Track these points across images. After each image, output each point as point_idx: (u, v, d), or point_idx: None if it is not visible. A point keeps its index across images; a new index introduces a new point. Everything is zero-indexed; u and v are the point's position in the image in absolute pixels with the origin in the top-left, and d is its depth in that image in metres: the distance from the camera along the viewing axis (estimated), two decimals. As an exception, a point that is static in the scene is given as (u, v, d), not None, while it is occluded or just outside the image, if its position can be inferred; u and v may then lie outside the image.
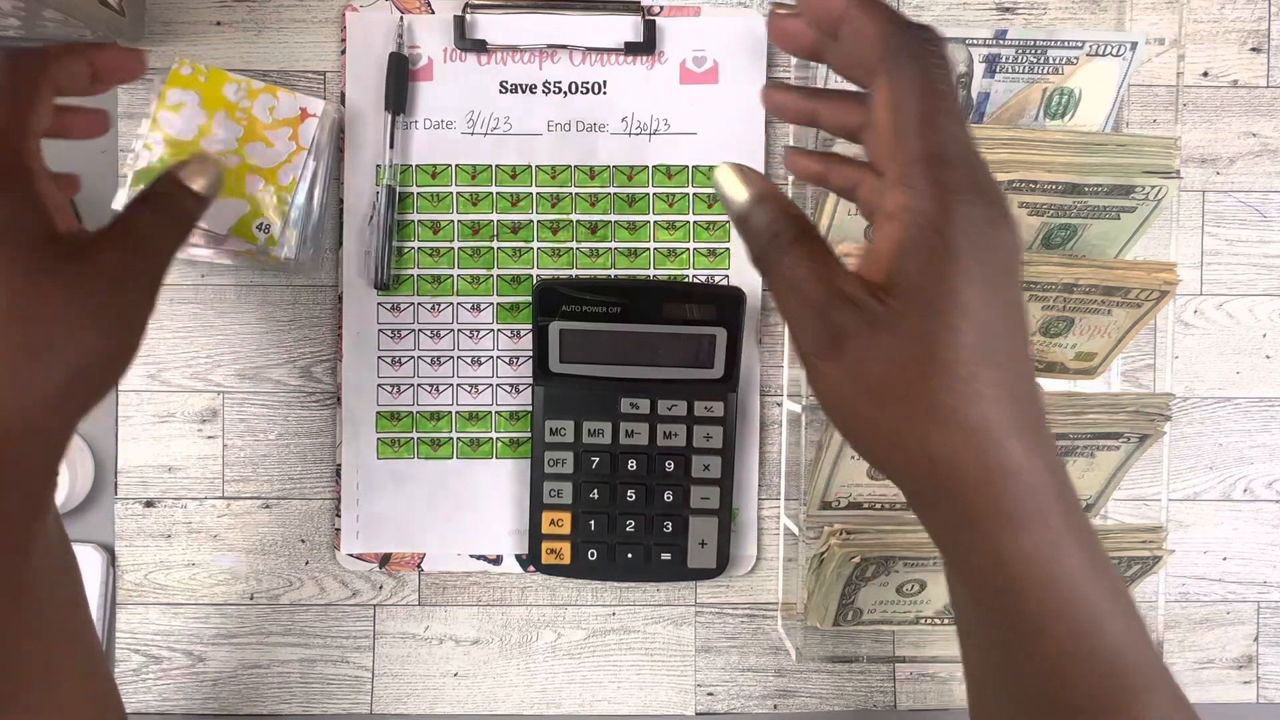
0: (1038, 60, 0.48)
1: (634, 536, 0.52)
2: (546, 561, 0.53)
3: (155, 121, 0.49)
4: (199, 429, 0.54)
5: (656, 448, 0.52)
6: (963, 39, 0.47)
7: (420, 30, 0.53)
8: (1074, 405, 0.46)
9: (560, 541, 0.53)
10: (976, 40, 0.47)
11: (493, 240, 0.54)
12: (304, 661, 0.54)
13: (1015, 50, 0.47)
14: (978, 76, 0.48)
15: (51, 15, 0.47)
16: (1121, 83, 0.49)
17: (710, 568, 0.53)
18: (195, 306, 0.54)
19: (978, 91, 0.49)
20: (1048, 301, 0.46)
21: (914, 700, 0.55)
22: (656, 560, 0.53)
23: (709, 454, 0.52)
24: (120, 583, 0.54)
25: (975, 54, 0.48)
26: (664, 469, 0.52)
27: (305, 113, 0.51)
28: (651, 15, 0.53)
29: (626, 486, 0.52)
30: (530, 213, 0.54)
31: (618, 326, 0.50)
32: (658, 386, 0.51)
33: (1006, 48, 0.47)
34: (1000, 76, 0.48)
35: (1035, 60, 0.48)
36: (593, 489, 0.52)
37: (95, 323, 0.32)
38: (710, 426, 0.52)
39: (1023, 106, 0.49)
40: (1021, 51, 0.47)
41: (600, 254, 0.54)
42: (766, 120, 0.54)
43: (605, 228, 0.54)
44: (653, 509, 0.52)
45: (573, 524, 0.52)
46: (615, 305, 0.50)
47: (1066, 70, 0.48)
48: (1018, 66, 0.48)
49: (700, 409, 0.52)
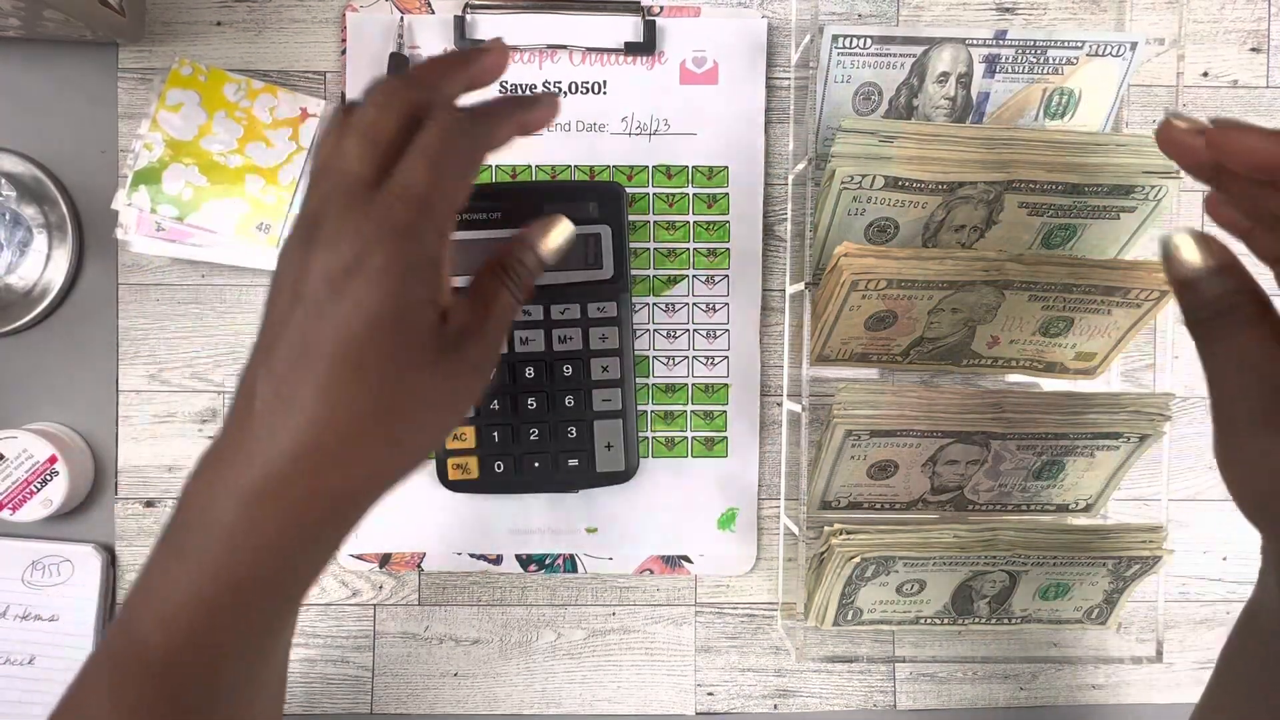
0: (1038, 60, 0.48)
1: (539, 445, 0.52)
2: (454, 477, 0.52)
3: (155, 121, 0.49)
4: (199, 429, 0.54)
5: (553, 353, 0.51)
6: (963, 39, 0.47)
7: (420, 30, 0.53)
8: (1074, 405, 0.46)
9: (466, 456, 0.52)
10: (976, 40, 0.47)
11: (493, 240, 0.54)
12: (304, 661, 0.54)
13: (1015, 50, 0.48)
14: (977, 76, 0.48)
15: (52, 15, 0.47)
16: (1121, 83, 0.49)
17: (619, 470, 0.52)
18: (195, 306, 0.54)
19: (978, 92, 0.49)
20: (1047, 301, 0.46)
21: (914, 700, 0.55)
22: (564, 467, 0.52)
23: (606, 355, 0.52)
24: (120, 583, 0.54)
25: (975, 54, 0.48)
26: (563, 374, 0.51)
27: (305, 113, 0.51)
28: (651, 15, 0.53)
29: (527, 395, 0.52)
30: (530, 213, 0.54)
31: (501, 232, 0.50)
32: (549, 291, 0.51)
33: (1006, 48, 0.47)
34: (1000, 76, 0.48)
35: (1035, 60, 0.48)
36: (492, 400, 0.52)
37: (455, 410, 0.32)
38: (605, 328, 0.51)
39: (1022, 106, 0.49)
40: (1021, 52, 0.48)
41: (600, 254, 0.54)
42: (766, 121, 0.54)
43: (605, 228, 0.54)
44: (555, 415, 0.52)
45: (477, 438, 0.52)
46: (495, 210, 0.50)
47: (1066, 70, 0.48)
48: (1018, 67, 0.48)
49: (593, 310, 0.51)
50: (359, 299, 0.28)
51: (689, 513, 0.54)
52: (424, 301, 0.30)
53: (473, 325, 0.32)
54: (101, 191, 0.53)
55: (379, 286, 0.29)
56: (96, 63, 0.53)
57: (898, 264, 0.43)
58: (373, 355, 0.29)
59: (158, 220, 0.50)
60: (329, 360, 0.28)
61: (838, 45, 0.48)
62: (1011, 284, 0.45)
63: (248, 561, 0.29)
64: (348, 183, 0.29)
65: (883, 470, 0.49)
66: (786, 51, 0.54)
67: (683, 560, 0.54)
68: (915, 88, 0.49)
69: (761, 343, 0.54)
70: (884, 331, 0.47)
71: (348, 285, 0.28)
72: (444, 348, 0.31)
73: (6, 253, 0.53)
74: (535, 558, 0.54)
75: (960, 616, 0.50)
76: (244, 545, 0.29)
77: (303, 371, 0.29)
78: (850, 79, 0.49)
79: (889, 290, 0.45)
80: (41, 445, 0.50)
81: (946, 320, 0.47)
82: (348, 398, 0.29)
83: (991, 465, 0.48)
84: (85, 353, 0.54)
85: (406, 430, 0.30)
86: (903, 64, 0.48)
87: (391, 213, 0.29)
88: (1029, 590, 0.49)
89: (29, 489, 0.51)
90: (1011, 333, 0.48)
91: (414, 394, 0.30)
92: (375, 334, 0.29)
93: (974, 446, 0.47)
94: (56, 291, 0.53)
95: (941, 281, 0.44)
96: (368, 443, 0.29)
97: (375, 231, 0.29)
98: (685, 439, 0.54)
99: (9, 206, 0.52)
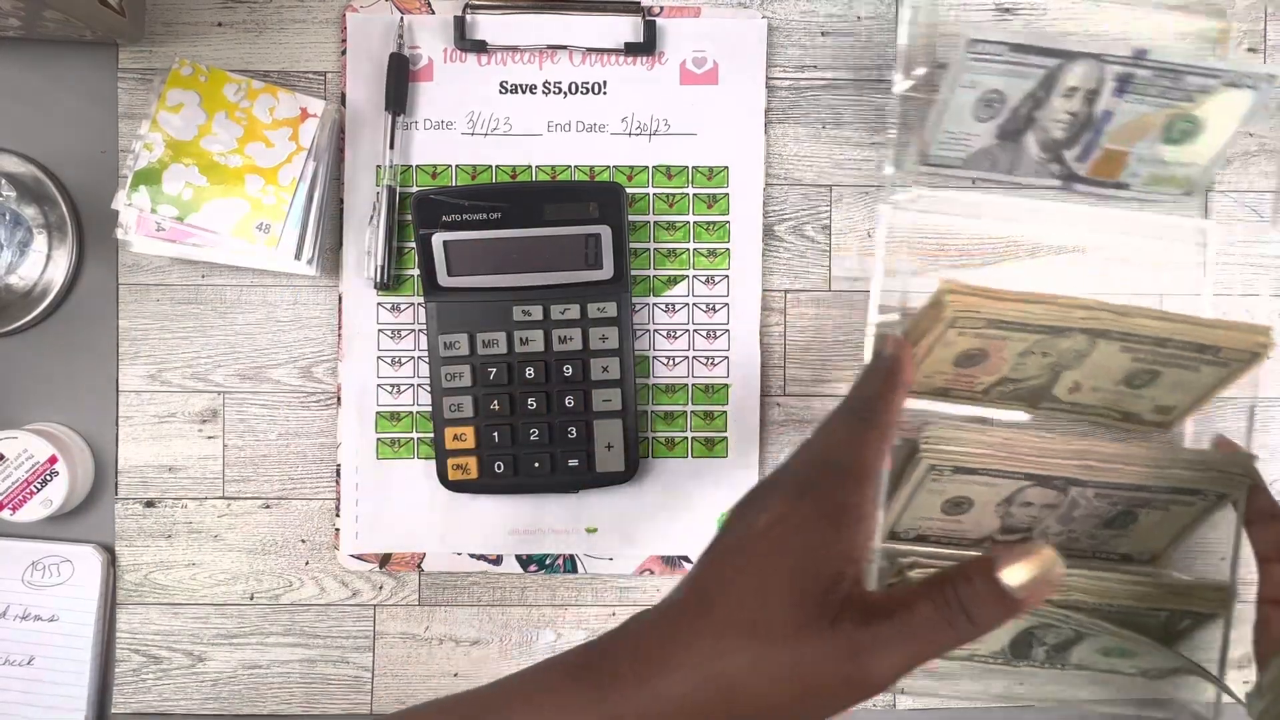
0: (1173, 85, 0.46)
1: (539, 445, 0.52)
2: (453, 478, 0.52)
3: (155, 122, 0.49)
4: (199, 429, 0.54)
5: (553, 353, 0.51)
6: (1097, 55, 0.45)
7: (420, 30, 0.53)
8: (1160, 460, 0.45)
9: (466, 456, 0.52)
10: (1113, 57, 0.45)
11: (493, 240, 0.54)
12: (304, 661, 0.54)
13: (1152, 72, 0.45)
14: (1106, 94, 0.46)
15: (52, 15, 0.47)
16: (1248, 115, 0.47)
17: (619, 470, 0.52)
18: (195, 306, 0.54)
19: (1102, 109, 0.47)
20: (1139, 354, 0.45)
21: (914, 700, 0.55)
22: (564, 467, 0.52)
23: (606, 355, 0.52)
24: (120, 583, 0.54)
25: (1109, 70, 0.46)
26: (563, 374, 0.51)
27: (305, 113, 0.51)
28: (651, 16, 0.53)
29: (527, 395, 0.52)
30: (530, 213, 0.54)
31: (501, 233, 0.50)
32: (549, 292, 0.51)
33: (1143, 68, 0.45)
34: (1129, 97, 0.46)
35: (1170, 85, 0.46)
36: (493, 400, 0.52)
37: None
38: (605, 328, 0.51)
39: (1143, 130, 0.48)
40: (1158, 74, 0.45)
41: (600, 254, 0.54)
42: (766, 121, 0.54)
43: (605, 228, 0.54)
44: (555, 415, 0.52)
45: (476, 437, 0.52)
46: (496, 210, 0.50)
47: (1199, 99, 0.46)
48: (1150, 89, 0.46)
49: (593, 310, 0.51)
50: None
51: (689, 513, 0.54)
52: (839, 561, 0.29)
53: (886, 636, 0.28)
54: (101, 191, 0.53)
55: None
56: (96, 63, 0.53)
57: (1001, 305, 0.43)
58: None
59: (158, 220, 0.50)
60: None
61: (972, 51, 0.46)
62: (1109, 333, 0.44)
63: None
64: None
65: (956, 506, 0.48)
66: (787, 51, 0.54)
67: (683, 560, 0.54)
68: (1041, 100, 0.47)
69: (761, 343, 0.54)
70: (970, 369, 0.47)
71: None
72: (842, 621, 0.28)
73: (6, 253, 0.53)
74: (535, 558, 0.54)
75: (1016, 660, 0.50)
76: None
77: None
78: (975, 85, 0.47)
79: (986, 330, 0.44)
80: (41, 445, 0.50)
81: (1034, 363, 0.46)
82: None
83: (1065, 511, 0.48)
84: (85, 353, 0.54)
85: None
86: (1033, 75, 0.46)
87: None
88: (1092, 646, 0.48)
89: (29, 489, 0.51)
90: (1095, 380, 0.47)
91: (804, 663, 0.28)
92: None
93: (1052, 491, 0.47)
94: (56, 291, 0.53)
95: (1040, 325, 0.44)
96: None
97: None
98: (685, 439, 0.54)
99: (9, 206, 0.52)
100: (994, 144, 0.48)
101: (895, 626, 0.27)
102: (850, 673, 0.27)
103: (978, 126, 0.41)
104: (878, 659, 0.27)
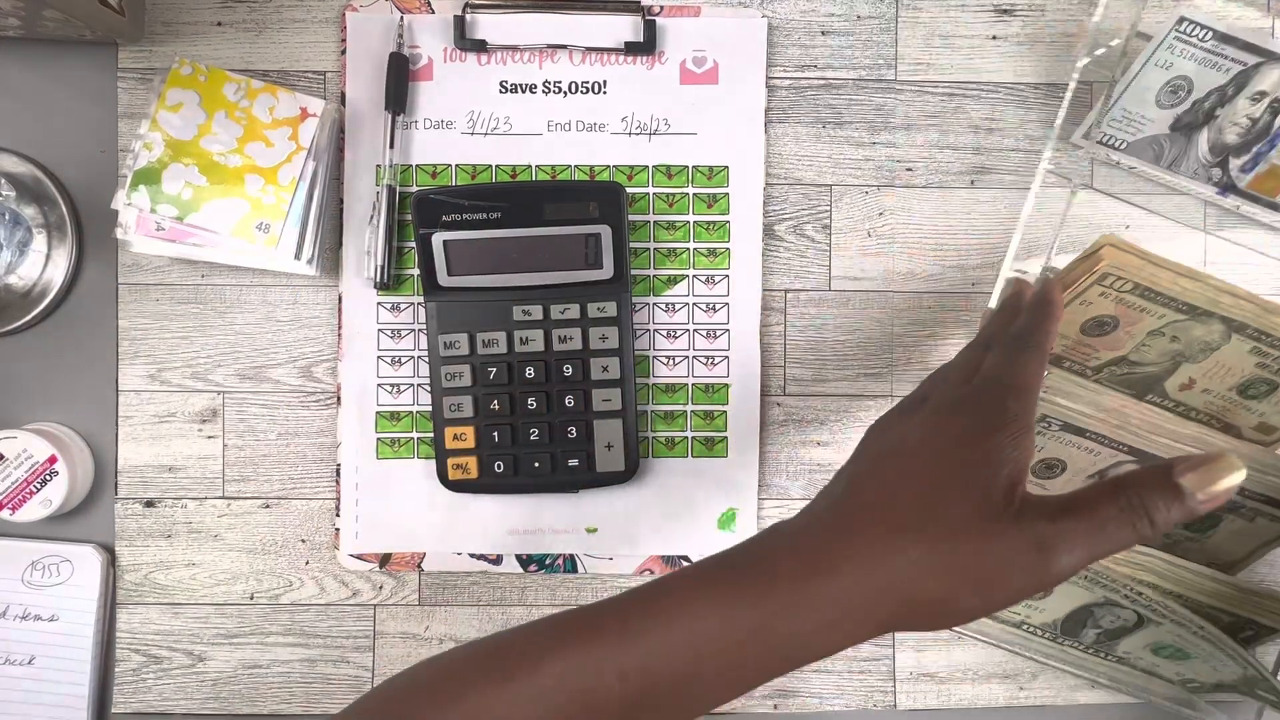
0: None
1: (539, 445, 0.52)
2: (454, 477, 0.52)
3: (155, 121, 0.49)
4: (199, 429, 0.54)
5: (553, 353, 0.52)
6: None
7: (420, 30, 0.53)
8: (1265, 465, 0.44)
9: (466, 456, 0.52)
10: None
11: (493, 240, 0.54)
12: (304, 661, 0.54)
13: None
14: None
15: (52, 15, 0.47)
16: None
17: (619, 470, 0.52)
18: (195, 306, 0.54)
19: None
20: (1265, 359, 0.44)
21: (914, 700, 0.55)
22: (564, 467, 0.52)
23: (606, 355, 0.52)
24: (120, 583, 0.54)
25: None
26: (563, 374, 0.52)
27: (305, 112, 0.51)
28: (651, 15, 0.53)
29: (527, 395, 0.52)
30: (530, 213, 0.54)
31: (501, 232, 0.50)
32: (549, 291, 0.51)
33: None
34: None
35: None
36: (493, 400, 0.52)
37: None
38: (605, 328, 0.51)
39: None
40: None
41: (600, 254, 0.54)
42: (766, 121, 0.54)
43: (605, 228, 0.54)
44: (556, 415, 0.52)
45: (476, 437, 0.52)
46: (495, 210, 0.50)
47: None
48: None
49: (593, 310, 0.51)
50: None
51: (689, 513, 0.54)
52: (1005, 462, 0.31)
53: (1064, 531, 0.30)
54: (101, 191, 0.53)
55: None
56: (96, 63, 0.53)
57: (1156, 271, 0.42)
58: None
59: (158, 220, 0.50)
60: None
61: (1179, 30, 0.45)
62: (1246, 328, 0.43)
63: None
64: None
65: (1049, 469, 0.47)
66: (787, 51, 0.54)
67: (683, 560, 0.54)
68: (1228, 96, 0.47)
69: (761, 342, 0.54)
70: (1094, 339, 0.46)
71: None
72: (1012, 519, 0.30)
73: (6, 253, 0.52)
74: (535, 558, 0.54)
75: (1064, 638, 0.49)
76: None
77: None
78: (1170, 66, 0.46)
79: (1130, 295, 0.43)
80: (41, 445, 0.50)
81: (1159, 347, 0.45)
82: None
83: None
84: (85, 353, 0.54)
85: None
86: (1229, 69, 0.46)
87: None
88: (1146, 639, 0.47)
89: (29, 489, 0.51)
90: (1211, 380, 0.46)
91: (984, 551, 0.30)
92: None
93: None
94: (56, 291, 0.53)
95: (1184, 303, 0.43)
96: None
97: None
98: (685, 439, 0.54)
99: (9, 206, 0.52)
100: (1165, 133, 0.47)
101: (1082, 523, 0.29)
102: (1034, 564, 0.29)
103: (1156, 112, 0.40)
104: (1062, 553, 0.29)
